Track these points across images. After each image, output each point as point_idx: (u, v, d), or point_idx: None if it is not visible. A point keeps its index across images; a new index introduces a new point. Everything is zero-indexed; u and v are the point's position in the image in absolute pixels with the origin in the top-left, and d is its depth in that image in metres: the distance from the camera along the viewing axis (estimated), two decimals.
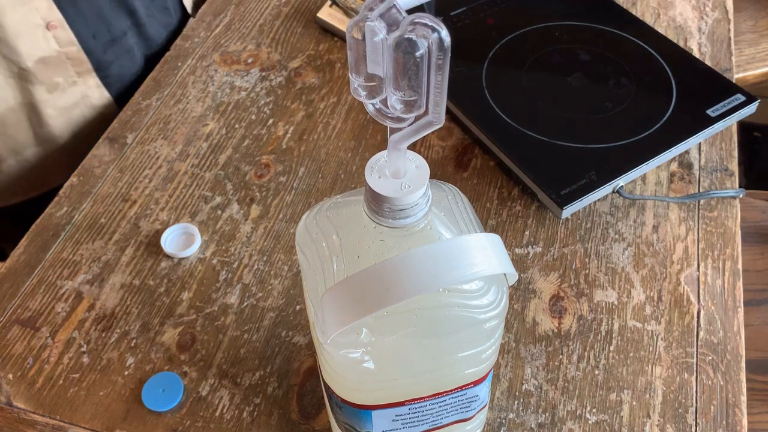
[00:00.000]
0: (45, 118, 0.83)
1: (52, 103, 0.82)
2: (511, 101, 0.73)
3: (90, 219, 0.69)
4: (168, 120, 0.77)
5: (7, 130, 0.82)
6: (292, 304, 0.62)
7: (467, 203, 0.43)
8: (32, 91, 0.81)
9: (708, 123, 0.69)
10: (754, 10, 1.26)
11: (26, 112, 0.82)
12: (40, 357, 0.60)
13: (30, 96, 0.81)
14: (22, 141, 0.84)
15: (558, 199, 0.64)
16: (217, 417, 0.56)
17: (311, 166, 0.72)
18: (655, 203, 0.69)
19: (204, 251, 0.66)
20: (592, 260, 0.65)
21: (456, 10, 0.83)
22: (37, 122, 0.83)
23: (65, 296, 0.63)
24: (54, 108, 0.83)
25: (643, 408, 0.56)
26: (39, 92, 0.81)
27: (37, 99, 0.81)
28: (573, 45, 0.78)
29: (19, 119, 0.82)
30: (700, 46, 0.83)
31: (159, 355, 0.60)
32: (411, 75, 0.32)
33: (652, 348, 0.59)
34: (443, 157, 0.73)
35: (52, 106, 0.83)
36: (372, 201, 0.37)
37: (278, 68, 0.82)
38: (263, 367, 0.59)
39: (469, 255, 0.37)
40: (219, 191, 0.71)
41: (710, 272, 0.64)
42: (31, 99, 0.81)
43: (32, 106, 0.82)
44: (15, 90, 0.80)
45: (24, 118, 0.82)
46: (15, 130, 0.83)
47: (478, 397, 0.46)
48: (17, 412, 0.57)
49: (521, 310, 0.62)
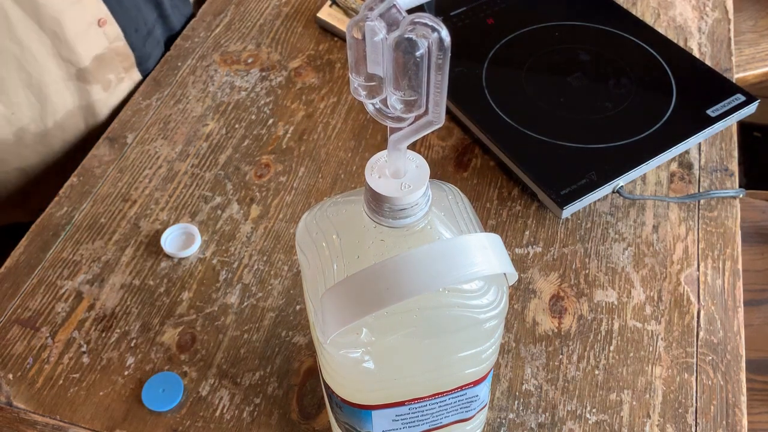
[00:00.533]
0: (100, 118, 0.83)
1: (106, 102, 0.82)
2: (511, 101, 0.73)
3: (90, 219, 0.69)
4: (168, 120, 0.77)
5: (65, 136, 0.82)
6: (292, 304, 0.62)
7: (467, 203, 0.43)
8: (89, 91, 0.80)
9: (708, 123, 0.69)
10: (754, 10, 1.26)
11: (83, 114, 0.82)
12: (40, 357, 0.60)
13: (88, 96, 0.81)
14: (73, 142, 0.84)
15: (558, 199, 0.64)
16: (217, 417, 0.56)
17: (311, 166, 0.72)
18: (655, 203, 0.69)
19: (204, 251, 0.66)
20: (592, 260, 0.65)
21: (456, 10, 0.83)
22: (93, 124, 0.83)
23: (65, 296, 0.63)
24: (107, 107, 0.83)
25: (643, 408, 0.56)
26: (95, 91, 0.81)
27: (93, 99, 0.81)
28: (573, 45, 0.78)
29: (77, 123, 0.82)
30: (700, 46, 0.83)
31: (159, 355, 0.60)
32: (411, 75, 0.32)
33: (652, 348, 0.59)
34: (443, 157, 0.73)
35: (106, 105, 0.83)
36: (372, 201, 0.37)
37: (278, 68, 0.82)
38: (263, 367, 0.59)
39: (469, 255, 0.37)
40: (219, 191, 0.71)
41: (710, 272, 0.64)
42: (89, 99, 0.81)
43: (89, 107, 0.82)
44: (74, 93, 0.80)
45: (81, 121, 0.82)
46: (73, 135, 0.83)
47: (478, 397, 0.46)
48: (17, 412, 0.57)
49: (521, 310, 0.62)
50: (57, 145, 0.82)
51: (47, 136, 0.81)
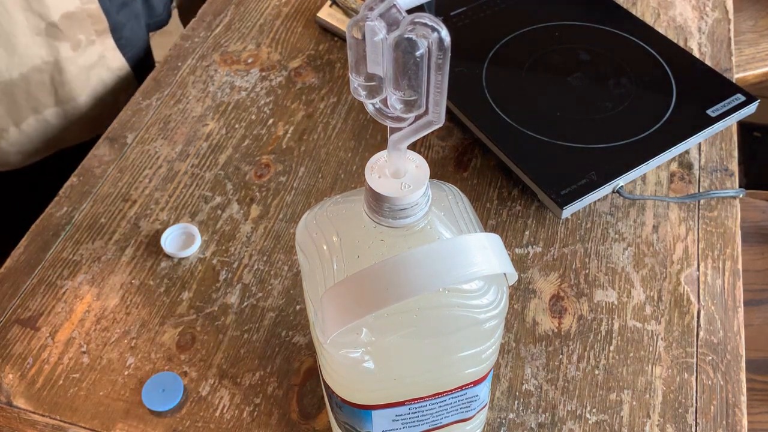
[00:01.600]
0: (67, 76, 0.84)
1: (74, 61, 0.83)
2: (511, 101, 0.73)
3: (90, 219, 0.69)
4: (168, 120, 0.77)
5: (30, 88, 0.83)
6: (292, 304, 0.62)
7: (467, 203, 0.43)
8: (58, 48, 0.81)
9: (708, 123, 0.69)
10: (754, 10, 1.26)
11: (50, 70, 0.83)
12: (40, 357, 0.60)
13: (56, 53, 0.81)
14: (43, 101, 0.85)
15: (558, 199, 0.64)
16: (217, 417, 0.56)
17: (311, 166, 0.72)
18: (655, 203, 0.69)
19: (204, 251, 0.66)
20: (592, 260, 0.65)
21: (456, 10, 0.83)
22: (59, 81, 0.84)
23: (65, 296, 0.63)
24: (76, 66, 0.84)
25: (643, 408, 0.56)
26: (64, 49, 0.82)
27: (62, 56, 0.82)
28: (573, 45, 0.78)
29: (42, 78, 0.83)
30: (700, 46, 0.83)
31: (159, 355, 0.60)
32: (411, 75, 0.32)
33: (652, 348, 0.59)
34: (443, 157, 0.73)
35: (75, 64, 0.83)
36: (372, 201, 0.37)
37: (278, 68, 0.82)
38: (263, 367, 0.59)
39: (469, 255, 0.37)
40: (219, 191, 0.71)
41: (710, 272, 0.64)
42: (57, 56, 0.82)
43: (57, 63, 0.82)
44: (41, 48, 0.80)
45: (47, 78, 0.83)
46: (37, 89, 0.83)
47: (478, 397, 0.46)
48: (17, 412, 0.57)
49: (521, 310, 0.62)
50: (20, 96, 0.83)
51: (11, 85, 0.81)
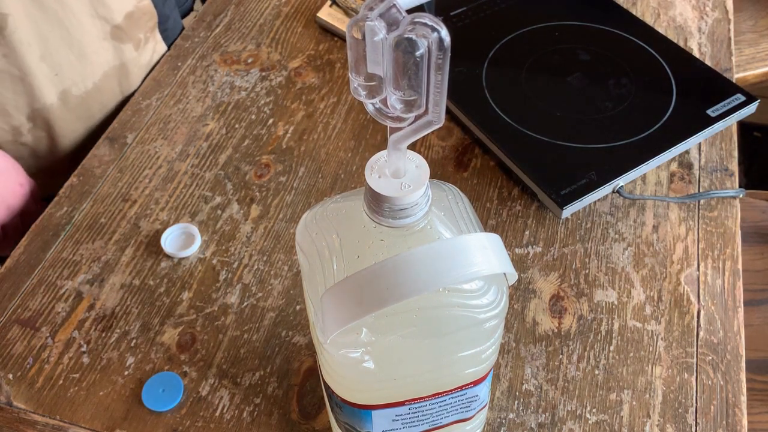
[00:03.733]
0: (132, 79, 0.83)
1: (136, 61, 0.82)
2: (511, 101, 0.73)
3: (90, 219, 0.69)
4: (168, 120, 0.77)
5: (103, 98, 0.82)
6: (292, 304, 0.62)
7: (467, 203, 0.43)
8: (123, 50, 0.80)
9: (708, 123, 0.69)
10: (754, 10, 1.26)
11: (117, 75, 0.82)
12: (40, 357, 0.60)
13: (121, 55, 0.80)
14: (111, 108, 0.84)
15: (558, 199, 0.64)
16: (217, 417, 0.56)
17: (311, 166, 0.72)
18: (655, 203, 0.69)
19: (204, 251, 0.66)
20: (592, 260, 0.65)
21: (456, 10, 0.83)
22: (126, 86, 0.83)
23: (65, 296, 0.63)
24: (138, 66, 0.83)
25: (643, 408, 0.56)
26: (128, 50, 0.81)
27: (126, 57, 0.81)
28: (573, 45, 0.78)
29: (112, 86, 0.82)
30: (700, 46, 0.83)
31: (159, 355, 0.60)
32: (411, 75, 0.32)
33: (652, 348, 0.59)
34: (443, 157, 0.73)
35: (137, 65, 0.83)
36: (372, 201, 0.37)
37: (278, 68, 0.82)
38: (263, 367, 0.59)
39: (469, 255, 0.37)
40: (219, 191, 0.70)
41: (710, 272, 0.64)
42: (122, 58, 0.81)
43: (123, 66, 0.81)
44: (108, 52, 0.79)
45: (116, 83, 0.82)
46: (108, 97, 0.82)
47: (478, 397, 0.46)
48: (17, 412, 0.57)
49: (521, 310, 0.62)
50: (96, 109, 0.82)
51: (88, 99, 0.80)
